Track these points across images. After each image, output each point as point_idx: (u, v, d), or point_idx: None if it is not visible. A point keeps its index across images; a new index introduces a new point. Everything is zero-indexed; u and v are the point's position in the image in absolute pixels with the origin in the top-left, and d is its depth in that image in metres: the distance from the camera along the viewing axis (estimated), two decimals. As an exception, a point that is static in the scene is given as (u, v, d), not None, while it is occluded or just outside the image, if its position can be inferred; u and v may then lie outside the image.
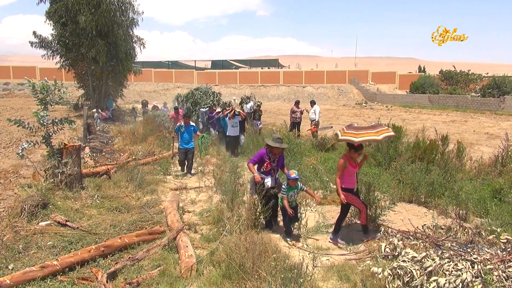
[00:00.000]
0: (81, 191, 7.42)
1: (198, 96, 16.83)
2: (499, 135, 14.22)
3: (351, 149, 5.76)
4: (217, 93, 17.55)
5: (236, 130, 12.34)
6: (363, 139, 5.59)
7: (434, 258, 4.43)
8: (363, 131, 5.67)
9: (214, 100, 16.46)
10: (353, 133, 5.70)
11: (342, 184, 5.65)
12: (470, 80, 38.58)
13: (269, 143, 5.77)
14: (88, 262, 4.63)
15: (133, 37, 23.66)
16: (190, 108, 16.74)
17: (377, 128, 5.75)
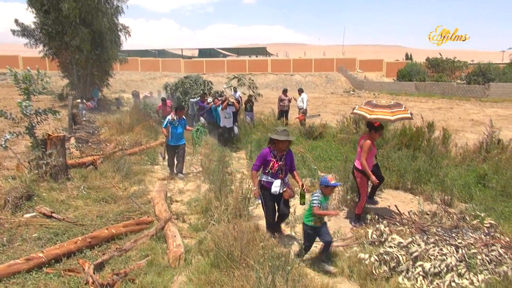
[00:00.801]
0: (67, 182, 7.32)
1: (188, 85, 16.03)
2: (483, 122, 14.43)
3: (371, 130, 5.67)
4: (208, 81, 16.72)
5: (230, 121, 11.73)
6: (376, 117, 5.55)
7: (419, 244, 4.50)
8: (378, 109, 5.62)
9: (205, 89, 15.67)
10: (368, 109, 5.69)
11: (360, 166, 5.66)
12: (456, 67, 38.97)
13: (273, 137, 5.09)
14: (75, 254, 4.58)
15: (118, 25, 23.19)
16: (180, 98, 15.92)
17: (393, 108, 5.63)
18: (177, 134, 8.59)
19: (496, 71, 31.74)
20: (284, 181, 5.20)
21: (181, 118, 8.71)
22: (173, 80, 20.46)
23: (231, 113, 11.64)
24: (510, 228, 5.11)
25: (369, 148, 5.55)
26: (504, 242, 4.42)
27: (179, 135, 8.64)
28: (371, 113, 5.65)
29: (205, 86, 15.85)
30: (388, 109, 5.62)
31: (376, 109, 5.66)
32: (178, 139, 8.66)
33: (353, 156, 9.02)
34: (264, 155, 5.16)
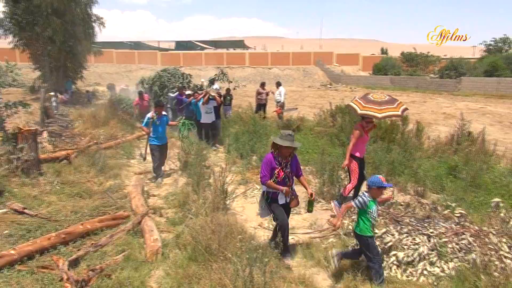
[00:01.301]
0: (39, 177, 7.12)
1: (166, 79, 15.05)
2: (455, 115, 14.85)
3: (362, 120, 5.97)
4: (187, 74, 15.79)
5: (211, 116, 10.99)
6: (364, 113, 5.78)
7: (393, 234, 4.62)
8: (369, 105, 5.84)
9: (183, 82, 14.85)
10: (360, 104, 5.92)
11: (355, 153, 5.90)
12: (429, 62, 39.92)
13: (277, 142, 4.50)
14: (49, 250, 4.48)
15: (92, 16, 22.63)
16: (157, 92, 14.93)
17: (383, 105, 5.83)
18: (159, 132, 7.88)
19: (467, 66, 32.68)
20: (292, 189, 4.73)
21: (162, 115, 7.96)
22: (149, 73, 19.90)
23: (212, 108, 10.96)
24: (479, 217, 5.30)
25: (359, 135, 5.87)
26: (473, 230, 4.58)
27: (161, 133, 7.93)
28: (362, 108, 5.87)
29: (184, 79, 15.08)
30: (378, 106, 5.79)
31: (368, 104, 5.87)
32: (162, 138, 7.98)
33: (330, 149, 9.16)
34: (269, 162, 4.54)
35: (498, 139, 10.22)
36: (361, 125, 5.96)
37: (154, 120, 7.78)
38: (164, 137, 8.09)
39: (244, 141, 9.78)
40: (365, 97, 6.10)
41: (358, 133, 5.87)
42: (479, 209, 5.71)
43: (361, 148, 5.99)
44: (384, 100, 5.92)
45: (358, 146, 5.92)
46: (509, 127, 14.04)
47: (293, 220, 5.77)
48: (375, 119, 5.94)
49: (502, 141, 10.59)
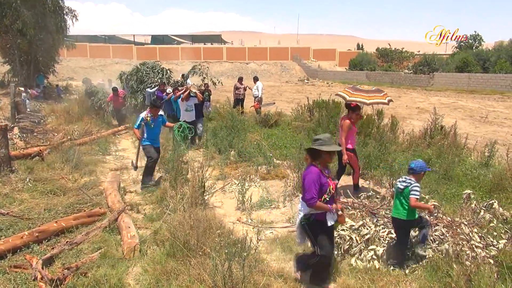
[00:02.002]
0: (10, 174, 6.92)
1: (144, 73, 14.11)
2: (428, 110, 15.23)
3: (349, 111, 6.22)
4: (167, 69, 14.86)
5: (191, 115, 10.17)
6: (354, 99, 6.11)
7: (370, 226, 4.71)
8: (357, 92, 6.21)
9: (163, 77, 13.97)
10: (349, 92, 6.27)
11: (348, 145, 6.13)
12: (403, 57, 40.75)
13: (326, 149, 3.67)
14: (21, 249, 4.36)
15: (64, 8, 21.97)
16: (133, 87, 14.03)
17: (370, 93, 6.23)
18: (153, 134, 7.20)
19: (440, 61, 33.51)
20: None
21: (158, 116, 7.23)
22: (125, 68, 19.46)
23: (193, 105, 10.25)
24: (452, 208, 5.47)
25: (348, 127, 6.09)
26: (446, 221, 4.72)
27: (156, 135, 7.28)
28: (350, 95, 6.22)
29: (164, 75, 14.19)
30: (365, 94, 6.19)
31: (356, 92, 6.25)
32: (155, 140, 7.30)
33: (307, 144, 9.23)
34: (317, 178, 3.64)
35: (469, 133, 10.54)
36: (348, 117, 6.19)
37: (149, 122, 7.05)
38: (158, 141, 7.40)
39: (222, 136, 9.74)
40: (353, 87, 6.54)
41: (347, 124, 6.08)
42: (452, 200, 5.89)
43: (352, 139, 6.26)
44: (371, 89, 6.41)
45: (349, 138, 6.17)
46: (479, 121, 14.52)
47: (272, 215, 5.81)
48: (364, 104, 6.25)
49: (473, 135, 10.93)
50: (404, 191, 4.14)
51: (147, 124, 7.08)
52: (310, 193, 3.61)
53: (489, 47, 36.19)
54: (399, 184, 4.23)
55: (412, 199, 4.04)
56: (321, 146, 3.70)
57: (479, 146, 8.72)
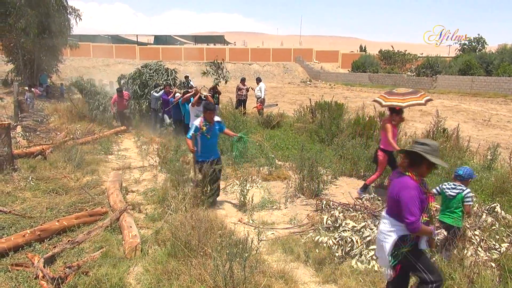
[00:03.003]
0: (13, 173, 6.94)
1: (148, 76, 13.00)
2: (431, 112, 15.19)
3: (393, 113, 6.25)
4: (172, 70, 13.63)
5: None
6: (389, 104, 6.17)
7: (372, 228, 4.70)
8: (392, 97, 6.25)
9: (168, 79, 12.89)
10: (384, 97, 6.32)
11: (387, 147, 6.22)
12: (406, 60, 40.71)
13: (431, 159, 3.07)
14: (23, 248, 4.37)
15: (68, 7, 22.04)
16: (137, 92, 13.03)
17: (406, 96, 6.24)
18: (208, 145, 5.97)
19: (442, 64, 33.48)
20: None
21: (214, 122, 6.02)
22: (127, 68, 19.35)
23: None
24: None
25: (391, 129, 6.16)
26: (447, 224, 4.71)
27: (211, 147, 6.04)
28: (386, 100, 6.28)
29: (169, 76, 13.10)
30: (401, 97, 6.22)
31: (391, 96, 6.29)
32: (211, 152, 6.00)
33: (309, 145, 9.25)
34: (417, 194, 3.06)
35: (472, 136, 10.52)
36: (389, 119, 6.25)
37: (204, 132, 5.84)
38: (215, 152, 6.15)
39: (224, 137, 9.73)
40: (389, 92, 6.58)
41: (390, 126, 6.15)
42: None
43: (395, 142, 6.25)
44: (407, 92, 6.41)
45: (393, 140, 6.19)
46: (482, 124, 14.48)
47: (273, 216, 5.81)
48: (401, 107, 6.23)
49: (475, 138, 10.91)
50: (456, 197, 4.18)
51: (202, 135, 5.84)
52: (414, 215, 2.96)
53: (492, 50, 36.09)
54: (449, 191, 4.25)
55: (468, 206, 4.16)
56: (428, 154, 3.07)
57: (482, 149, 8.71)
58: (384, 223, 3.24)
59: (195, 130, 5.82)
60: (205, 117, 5.92)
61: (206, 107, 5.98)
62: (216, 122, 6.05)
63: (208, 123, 5.87)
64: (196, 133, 5.81)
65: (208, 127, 5.84)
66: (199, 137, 5.84)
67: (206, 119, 5.90)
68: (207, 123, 5.85)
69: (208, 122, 5.88)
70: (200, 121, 5.90)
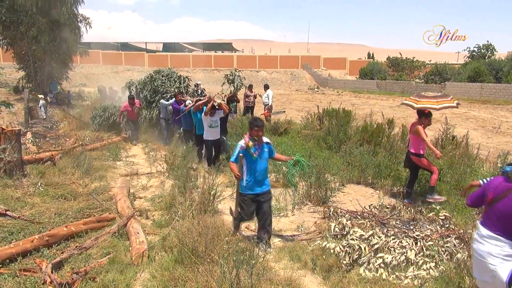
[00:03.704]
0: (23, 178, 7.01)
1: (159, 82, 12.24)
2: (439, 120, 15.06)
3: (422, 117, 6.24)
4: (185, 77, 12.91)
5: (216, 132, 8.45)
6: (422, 106, 6.18)
7: (380, 236, 4.66)
8: (424, 99, 6.26)
9: (181, 86, 12.18)
10: (415, 100, 6.34)
11: (419, 151, 6.19)
12: (414, 67, 40.49)
13: None
14: (31, 253, 4.41)
15: (78, 16, 22.34)
16: (147, 98, 12.35)
17: (438, 98, 6.30)
18: (257, 170, 4.82)
19: (451, 71, 33.27)
20: None
21: (263, 143, 4.90)
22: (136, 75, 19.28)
23: (218, 120, 8.46)
24: (463, 220, 5.39)
25: (423, 132, 6.13)
26: (458, 233, 4.65)
27: (260, 172, 4.85)
28: (418, 102, 6.27)
29: (181, 83, 12.38)
30: (433, 99, 6.26)
31: (422, 99, 6.31)
32: (261, 182, 4.88)
33: (317, 152, 9.21)
34: None
35: (481, 143, 10.41)
36: (420, 123, 6.24)
37: (250, 150, 4.79)
38: (265, 181, 4.96)
39: (231, 144, 9.74)
40: (418, 95, 6.59)
41: (422, 129, 6.13)
42: (463, 212, 5.80)
43: (423, 145, 6.24)
44: (438, 95, 6.46)
45: (421, 144, 6.19)
46: (491, 132, 14.33)
47: (280, 223, 5.79)
48: (434, 110, 6.24)
49: (485, 145, 10.79)
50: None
51: (247, 155, 4.80)
52: None
53: (501, 57, 35.80)
54: None
55: None
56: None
57: (492, 157, 8.59)
58: (497, 245, 2.81)
59: (240, 150, 4.78)
60: (251, 135, 4.84)
61: (254, 123, 4.84)
62: (266, 143, 4.93)
63: (255, 141, 4.82)
64: (241, 154, 4.77)
65: (254, 144, 4.79)
66: (246, 160, 4.79)
67: (253, 136, 4.83)
68: (254, 141, 4.82)
69: (255, 139, 4.82)
70: (245, 139, 4.84)
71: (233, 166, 4.82)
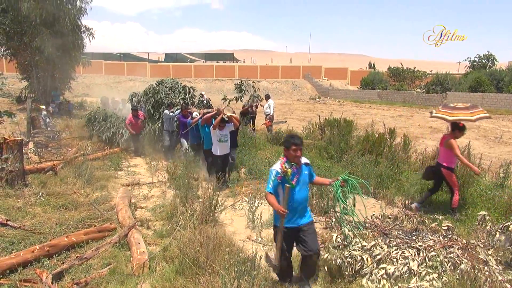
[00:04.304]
0: (24, 188, 7.00)
1: (163, 94, 11.44)
2: (441, 129, 15.09)
3: (455, 130, 6.07)
4: (190, 87, 12.09)
5: (226, 147, 7.81)
6: (457, 118, 5.97)
7: (382, 247, 4.62)
8: (457, 111, 6.05)
9: (186, 97, 11.40)
10: (447, 112, 6.13)
11: (451, 165, 6.06)
12: (415, 77, 40.63)
13: None
14: (32, 263, 4.39)
15: (81, 26, 22.56)
16: (150, 112, 11.55)
17: (471, 109, 6.08)
18: (298, 201, 3.92)
19: (452, 81, 33.35)
20: None
21: (302, 165, 4.00)
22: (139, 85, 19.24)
23: (228, 134, 7.81)
24: (466, 230, 5.35)
25: (456, 145, 5.99)
26: (461, 244, 4.62)
27: (303, 202, 4.00)
28: (451, 115, 6.08)
29: (187, 94, 11.57)
30: (467, 111, 6.08)
31: (455, 111, 6.12)
32: (302, 212, 4.00)
33: (318, 161, 9.20)
34: None
35: (483, 153, 10.39)
36: (452, 136, 6.10)
37: (288, 177, 3.83)
38: (306, 211, 4.06)
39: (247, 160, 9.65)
40: (447, 106, 6.40)
41: (455, 143, 5.99)
42: (466, 222, 5.76)
43: (455, 160, 6.14)
44: (470, 106, 6.26)
45: (453, 158, 6.07)
46: (493, 142, 14.31)
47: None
48: (470, 122, 6.12)
49: (487, 155, 10.77)
50: None
51: (284, 183, 3.79)
52: None
53: (502, 67, 35.89)
54: None
55: None
56: None
57: (494, 167, 8.57)
58: None
59: (276, 176, 3.83)
60: (288, 157, 3.90)
61: (291, 141, 3.84)
62: (305, 164, 4.00)
63: (292, 164, 3.88)
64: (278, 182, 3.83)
65: (293, 169, 3.85)
66: (282, 187, 3.81)
67: (290, 159, 3.88)
68: (290, 164, 3.87)
69: (293, 163, 3.88)
70: (281, 163, 3.88)
71: (272, 198, 3.77)
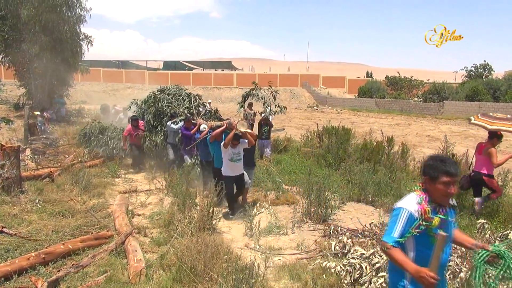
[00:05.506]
0: (20, 195, 6.96)
1: (165, 102, 10.24)
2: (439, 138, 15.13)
3: (494, 138, 6.30)
4: (196, 95, 10.78)
5: (239, 167, 6.75)
6: (497, 128, 6.19)
7: (381, 255, 4.59)
8: (498, 121, 6.29)
9: (191, 107, 10.03)
10: (487, 121, 6.37)
11: (491, 172, 6.25)
12: (413, 85, 40.82)
13: None
14: (27, 271, 4.34)
15: (80, 34, 22.62)
16: (150, 122, 10.24)
17: (511, 121, 6.29)
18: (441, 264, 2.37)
19: (449, 90, 33.51)
20: None
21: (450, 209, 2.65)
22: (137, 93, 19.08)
23: (241, 152, 6.74)
24: (465, 238, 5.32)
25: (496, 153, 6.22)
26: (460, 252, 4.59)
27: (444, 266, 2.67)
28: (491, 124, 6.33)
29: (191, 103, 10.21)
30: (508, 122, 6.31)
31: (496, 121, 6.37)
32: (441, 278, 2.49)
33: (316, 169, 9.19)
34: None
35: (481, 162, 10.37)
36: (491, 144, 6.30)
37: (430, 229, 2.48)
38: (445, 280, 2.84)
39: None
40: (486, 115, 6.67)
41: (495, 151, 6.22)
42: (465, 230, 5.73)
43: (492, 168, 6.30)
44: (509, 117, 6.52)
45: (490, 166, 6.24)
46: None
47: (280, 241, 5.72)
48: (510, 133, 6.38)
49: (485, 164, 10.75)
50: None
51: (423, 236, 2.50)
52: None
53: (499, 77, 36.12)
54: None
55: None
56: None
57: (492, 175, 8.56)
58: None
59: (411, 228, 2.51)
60: (431, 192, 2.59)
61: (443, 168, 2.50)
62: (452, 207, 2.65)
63: (441, 208, 2.54)
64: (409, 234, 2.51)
65: (443, 217, 2.51)
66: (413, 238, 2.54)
67: (434, 198, 2.56)
68: (441, 209, 2.54)
69: (438, 203, 2.54)
70: (421, 204, 2.57)
71: (400, 255, 2.48)
